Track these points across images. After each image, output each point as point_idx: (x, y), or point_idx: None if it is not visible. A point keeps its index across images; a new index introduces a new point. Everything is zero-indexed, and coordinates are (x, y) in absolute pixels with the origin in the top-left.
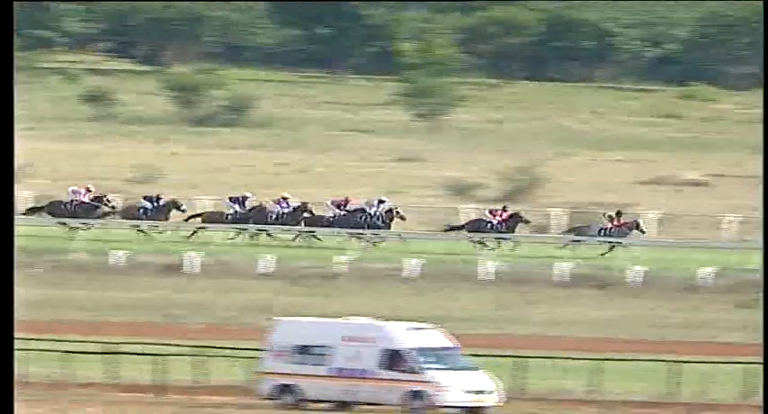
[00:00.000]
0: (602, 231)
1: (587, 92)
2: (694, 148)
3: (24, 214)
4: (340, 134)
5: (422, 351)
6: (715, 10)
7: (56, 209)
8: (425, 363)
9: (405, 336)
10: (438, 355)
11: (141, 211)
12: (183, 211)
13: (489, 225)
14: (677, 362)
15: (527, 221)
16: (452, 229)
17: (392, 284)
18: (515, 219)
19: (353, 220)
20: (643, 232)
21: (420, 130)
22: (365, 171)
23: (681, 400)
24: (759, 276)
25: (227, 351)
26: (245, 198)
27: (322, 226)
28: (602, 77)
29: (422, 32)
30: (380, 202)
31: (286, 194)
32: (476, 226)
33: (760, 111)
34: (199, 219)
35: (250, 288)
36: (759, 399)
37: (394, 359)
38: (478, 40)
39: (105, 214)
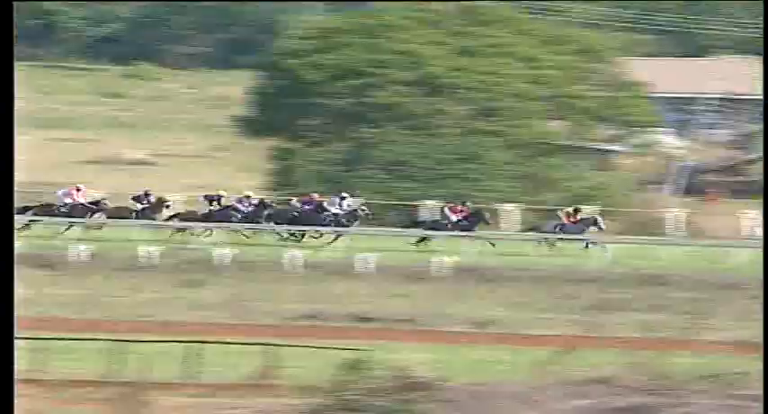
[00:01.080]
0: (558, 227)
1: (32, 71)
2: (138, 128)
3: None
4: None
5: None
6: None
7: (47, 210)
8: None
9: None
10: None
11: (134, 215)
12: (168, 207)
13: (448, 223)
14: (118, 341)
15: (487, 222)
16: (408, 226)
17: None
18: (477, 217)
19: (319, 217)
20: (601, 229)
21: None
22: None
23: (124, 379)
24: (209, 255)
25: None
26: (220, 197)
27: (285, 223)
28: (46, 56)
29: None
30: (342, 198)
31: (249, 193)
32: (432, 224)
33: (199, 90)
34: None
35: None
36: (203, 377)
37: None
38: None
39: (92, 214)
